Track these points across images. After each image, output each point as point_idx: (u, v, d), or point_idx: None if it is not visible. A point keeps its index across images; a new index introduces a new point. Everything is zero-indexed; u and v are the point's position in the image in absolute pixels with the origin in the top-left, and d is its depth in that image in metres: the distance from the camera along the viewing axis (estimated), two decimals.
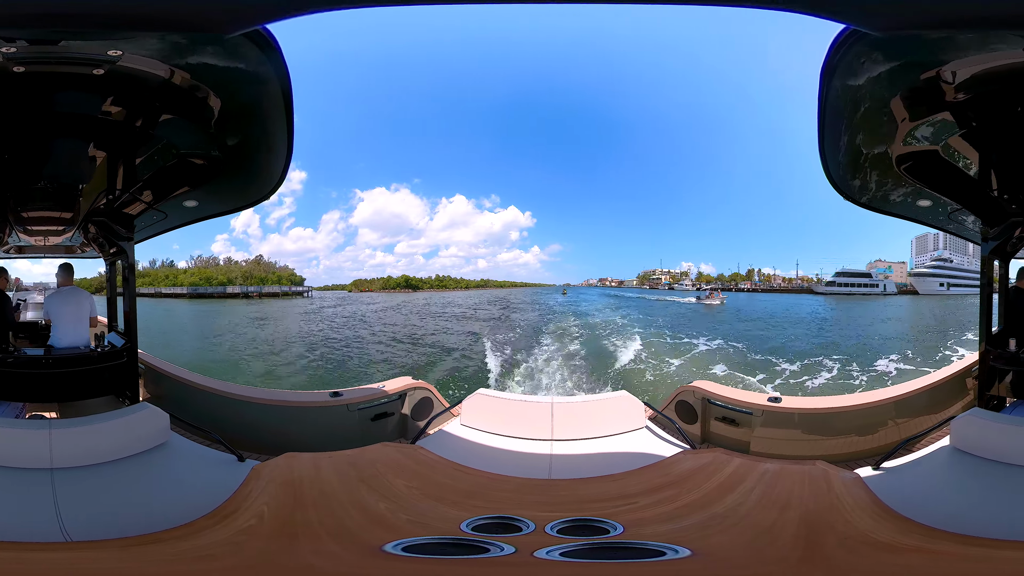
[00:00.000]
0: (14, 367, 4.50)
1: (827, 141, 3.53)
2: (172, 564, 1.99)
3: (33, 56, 2.69)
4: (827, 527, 2.21)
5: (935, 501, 2.46)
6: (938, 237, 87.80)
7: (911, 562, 2.04)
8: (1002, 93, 2.95)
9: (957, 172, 3.80)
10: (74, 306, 5.10)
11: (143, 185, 4.23)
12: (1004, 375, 4.23)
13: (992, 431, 2.59)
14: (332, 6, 2.09)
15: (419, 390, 5.39)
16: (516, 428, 3.58)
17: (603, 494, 2.70)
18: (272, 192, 4.23)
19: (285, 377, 22.73)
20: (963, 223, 4.64)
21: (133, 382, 4.84)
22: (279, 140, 3.55)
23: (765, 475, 2.72)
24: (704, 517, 2.34)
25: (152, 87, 3.03)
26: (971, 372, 4.62)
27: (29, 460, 2.60)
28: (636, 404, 3.86)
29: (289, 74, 3.00)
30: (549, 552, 1.95)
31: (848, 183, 4.01)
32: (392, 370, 23.46)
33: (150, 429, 2.94)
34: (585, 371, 22.90)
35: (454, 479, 2.84)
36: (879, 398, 4.74)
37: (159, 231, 5.32)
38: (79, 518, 2.36)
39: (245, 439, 4.20)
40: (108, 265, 5.22)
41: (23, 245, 5.69)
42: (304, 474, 2.76)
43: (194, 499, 2.49)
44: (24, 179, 3.77)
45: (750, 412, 4.81)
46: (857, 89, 2.97)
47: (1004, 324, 4.52)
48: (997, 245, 4.31)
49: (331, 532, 2.20)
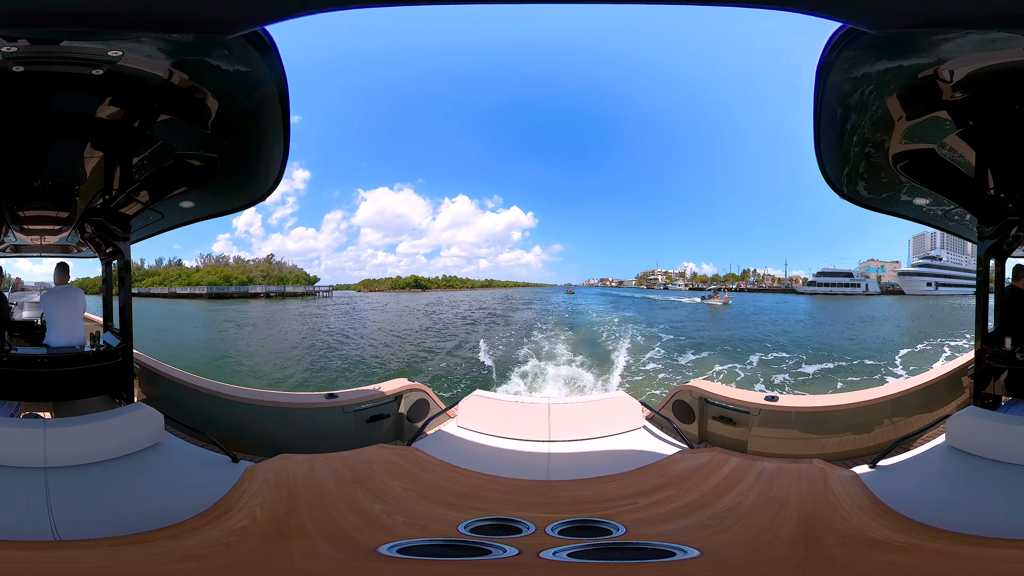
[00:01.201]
0: (9, 366, 4.48)
1: (823, 140, 3.52)
2: (158, 564, 1.98)
3: (33, 56, 2.68)
4: (824, 525, 2.22)
5: (931, 499, 2.47)
6: (935, 236, 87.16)
7: (907, 560, 2.04)
8: (999, 92, 2.95)
9: (954, 171, 3.80)
10: (69, 305, 5.09)
11: (140, 185, 4.22)
12: (999, 374, 4.24)
13: (987, 429, 2.60)
14: (331, 7, 2.08)
15: (415, 391, 5.38)
16: (513, 429, 3.57)
17: (601, 495, 2.70)
18: (268, 193, 4.22)
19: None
20: (960, 222, 4.65)
21: (128, 382, 4.83)
22: (276, 141, 3.55)
23: (763, 474, 2.73)
24: (703, 517, 2.34)
25: (150, 88, 3.02)
26: (967, 371, 4.63)
27: (23, 459, 2.59)
28: (633, 404, 3.86)
29: (286, 75, 2.99)
30: (556, 553, 1.95)
31: (844, 182, 4.01)
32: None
33: (145, 429, 2.93)
34: (587, 370, 22.83)
35: (451, 480, 2.84)
36: (875, 396, 4.75)
37: (156, 231, 5.30)
38: (71, 517, 2.34)
39: (240, 440, 4.20)
40: (104, 265, 5.21)
41: (20, 244, 5.68)
42: (298, 475, 2.75)
43: (187, 499, 2.48)
44: (21, 178, 3.76)
45: (747, 411, 4.81)
46: (853, 88, 2.97)
47: (1000, 323, 4.53)
48: (993, 244, 4.32)
49: (324, 533, 2.19)
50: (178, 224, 5.16)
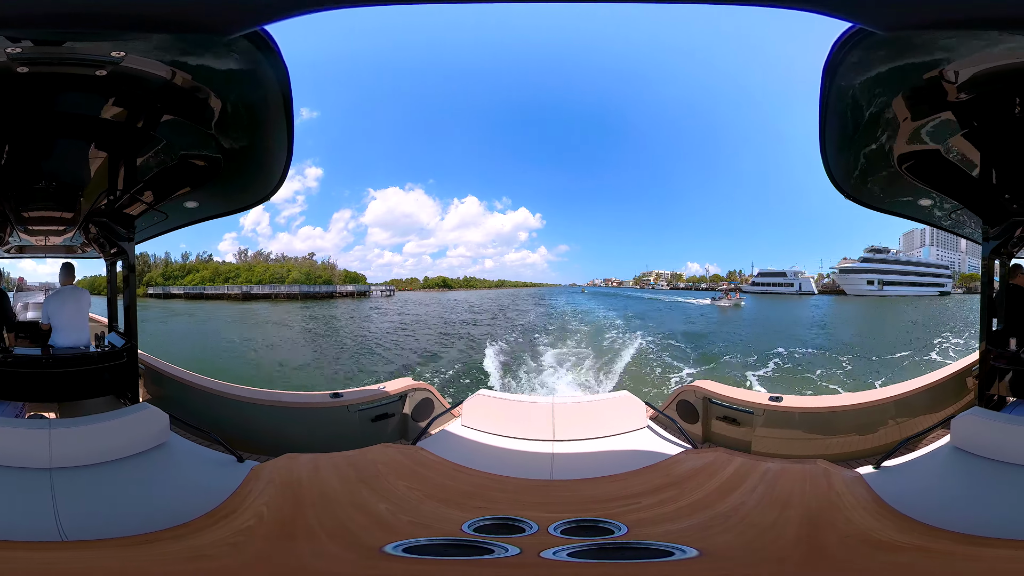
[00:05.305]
0: (14, 366, 4.50)
1: (828, 140, 3.52)
2: (166, 564, 1.98)
3: (37, 57, 2.69)
4: (828, 526, 2.21)
5: (936, 500, 2.46)
6: (924, 232, 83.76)
7: (912, 560, 2.04)
8: (1004, 93, 2.95)
9: (959, 172, 3.79)
10: (74, 306, 5.10)
11: (144, 186, 4.23)
12: (1004, 374, 4.23)
13: (992, 430, 2.59)
14: (331, 6, 2.09)
15: (420, 391, 5.39)
16: (517, 429, 3.58)
17: (605, 494, 2.70)
18: (273, 192, 4.23)
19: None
20: (964, 222, 4.64)
21: (133, 382, 4.84)
22: (279, 141, 3.55)
23: (766, 474, 2.72)
24: (706, 517, 2.34)
25: (153, 88, 3.03)
26: (971, 371, 4.61)
27: (28, 460, 2.60)
28: (637, 404, 3.86)
29: (289, 75, 3.00)
30: (556, 553, 1.95)
31: (849, 182, 4.00)
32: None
33: (150, 429, 2.93)
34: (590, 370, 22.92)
35: (455, 480, 2.84)
36: (880, 397, 4.74)
37: (160, 232, 5.32)
38: (77, 518, 2.35)
39: (245, 440, 4.21)
40: (108, 265, 5.22)
41: (24, 245, 5.69)
42: (304, 475, 2.76)
43: (193, 500, 2.49)
44: (25, 179, 3.77)
45: (751, 411, 4.81)
46: (859, 88, 2.96)
47: (1004, 323, 4.51)
48: (998, 244, 4.31)
49: (331, 533, 2.19)
50: (182, 224, 5.17)
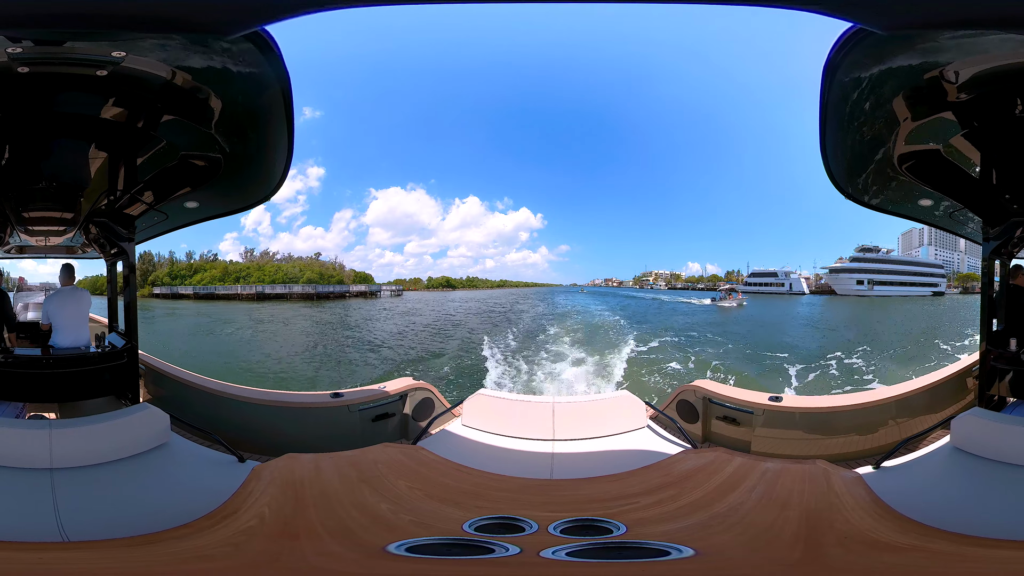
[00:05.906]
0: (14, 367, 4.50)
1: (828, 140, 3.52)
2: (169, 564, 1.99)
3: (37, 57, 2.69)
4: (827, 526, 2.21)
5: (935, 500, 2.46)
6: (923, 232, 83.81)
7: (911, 561, 2.04)
8: (1005, 93, 2.95)
9: (959, 172, 3.79)
10: (74, 306, 5.10)
11: (144, 186, 4.23)
12: (1004, 375, 4.23)
13: (992, 431, 2.59)
14: (331, 6, 2.09)
15: (420, 390, 5.39)
16: (517, 428, 3.58)
17: (605, 494, 2.70)
18: (273, 193, 4.23)
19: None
20: (964, 223, 4.64)
21: (134, 382, 4.84)
22: (280, 141, 3.55)
23: (766, 474, 2.73)
24: (706, 516, 2.34)
25: (154, 88, 3.03)
26: (971, 372, 4.61)
27: (29, 460, 2.60)
28: (637, 403, 3.87)
29: (289, 75, 3.00)
30: (555, 552, 1.96)
31: (849, 182, 4.00)
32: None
33: (150, 430, 2.94)
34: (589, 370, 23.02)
35: (456, 479, 2.85)
36: (880, 397, 4.74)
37: (160, 232, 5.31)
38: (78, 518, 2.35)
39: (246, 440, 4.21)
40: (109, 266, 5.23)
41: (24, 245, 5.69)
42: (305, 475, 2.76)
43: (194, 500, 2.49)
44: (26, 179, 3.77)
45: (751, 411, 4.81)
46: (859, 88, 2.96)
47: (1004, 323, 4.51)
48: (998, 245, 4.31)
49: (333, 533, 2.20)
50: (183, 224, 5.17)
